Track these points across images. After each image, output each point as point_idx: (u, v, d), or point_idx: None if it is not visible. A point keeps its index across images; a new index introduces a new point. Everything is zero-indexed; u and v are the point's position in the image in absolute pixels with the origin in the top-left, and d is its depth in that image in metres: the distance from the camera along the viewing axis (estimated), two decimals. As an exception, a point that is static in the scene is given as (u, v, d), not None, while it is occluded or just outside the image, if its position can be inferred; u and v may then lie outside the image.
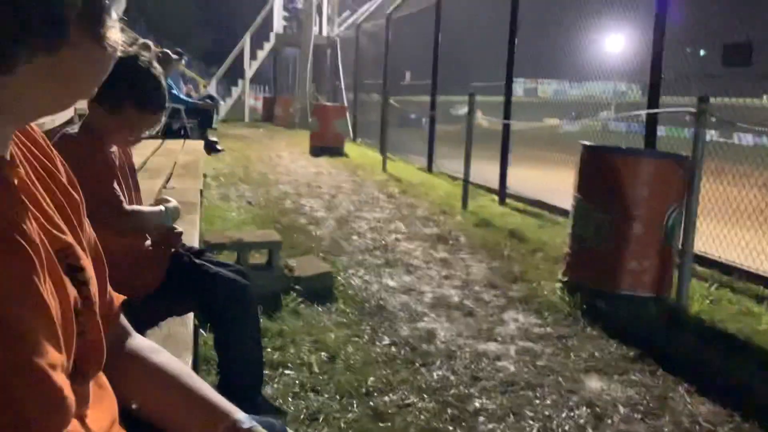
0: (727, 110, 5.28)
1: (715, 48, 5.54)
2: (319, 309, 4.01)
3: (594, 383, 3.24)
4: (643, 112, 5.80)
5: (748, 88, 5.57)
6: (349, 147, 14.14)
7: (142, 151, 5.91)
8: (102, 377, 0.93)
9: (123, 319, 1.07)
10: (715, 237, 5.20)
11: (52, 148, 0.87)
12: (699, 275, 4.87)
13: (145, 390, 1.04)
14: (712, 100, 4.39)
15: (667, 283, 4.30)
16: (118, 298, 1.04)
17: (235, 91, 23.62)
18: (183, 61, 12.99)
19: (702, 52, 6.22)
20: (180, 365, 1.08)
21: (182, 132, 10.11)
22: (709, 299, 4.40)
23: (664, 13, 5.54)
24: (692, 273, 4.44)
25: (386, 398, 2.95)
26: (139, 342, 1.09)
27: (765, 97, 5.78)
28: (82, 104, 2.38)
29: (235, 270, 2.46)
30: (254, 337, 2.45)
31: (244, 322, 2.36)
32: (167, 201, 2.37)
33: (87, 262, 0.84)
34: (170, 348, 2.08)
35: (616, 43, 7.29)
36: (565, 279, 4.54)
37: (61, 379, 0.68)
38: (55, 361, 0.68)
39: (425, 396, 3.00)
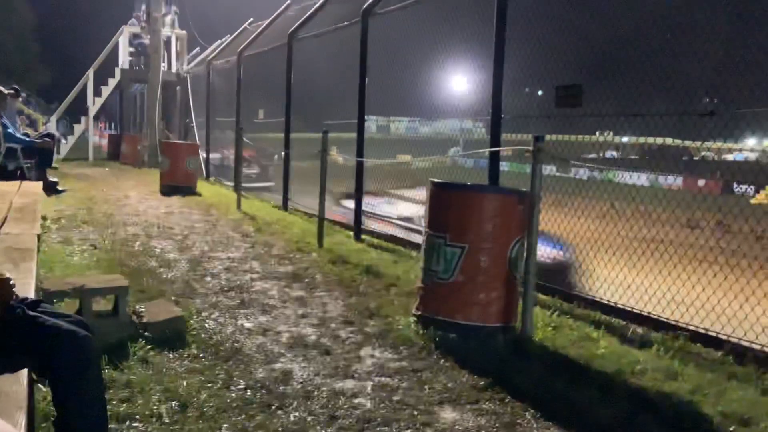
0: (565, 147, 5.64)
1: (551, 89, 5.90)
2: (170, 356, 3.86)
3: (447, 414, 3.32)
4: (486, 150, 6.08)
5: (583, 126, 5.97)
6: (202, 186, 13.83)
7: (-29, 194, 5.50)
8: None
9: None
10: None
11: None
12: (543, 304, 5.13)
13: None
14: (548, 137, 4.68)
15: (513, 312, 4.49)
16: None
17: (78, 129, 22.52)
18: (20, 98, 12.26)
19: (540, 92, 6.63)
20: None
21: (18, 173, 9.51)
22: (551, 326, 4.64)
23: (502, 56, 5.86)
24: (536, 302, 4.68)
25: (241, 445, 2.88)
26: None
27: (597, 133, 6.23)
28: None
29: (74, 321, 2.32)
30: (96, 391, 2.30)
31: (85, 376, 2.22)
32: None
33: None
34: (1, 407, 1.93)
35: (461, 83, 7.63)
36: (419, 313, 4.64)
37: None
38: None
39: (282, 440, 2.95)
